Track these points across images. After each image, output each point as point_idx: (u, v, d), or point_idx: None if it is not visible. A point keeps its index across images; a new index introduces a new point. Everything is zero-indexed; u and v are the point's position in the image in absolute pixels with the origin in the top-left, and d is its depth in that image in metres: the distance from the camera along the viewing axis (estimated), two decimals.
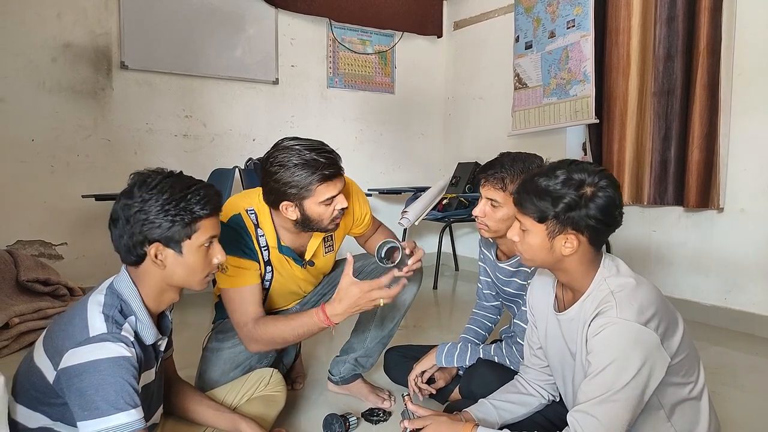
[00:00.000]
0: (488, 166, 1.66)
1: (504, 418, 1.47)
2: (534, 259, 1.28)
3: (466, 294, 3.83)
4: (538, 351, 1.48)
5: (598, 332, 1.16)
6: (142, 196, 1.16)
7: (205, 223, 1.22)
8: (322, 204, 1.58)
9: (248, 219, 1.67)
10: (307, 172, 1.52)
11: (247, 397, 1.64)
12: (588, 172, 1.20)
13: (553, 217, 1.20)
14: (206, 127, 3.77)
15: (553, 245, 1.22)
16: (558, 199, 1.18)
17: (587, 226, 1.19)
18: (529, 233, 1.25)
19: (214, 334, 1.87)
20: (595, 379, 1.15)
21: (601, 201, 1.18)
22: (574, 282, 1.28)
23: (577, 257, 1.23)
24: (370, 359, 1.98)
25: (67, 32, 3.29)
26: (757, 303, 2.84)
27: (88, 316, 1.13)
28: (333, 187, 1.57)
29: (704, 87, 2.85)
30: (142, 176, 1.20)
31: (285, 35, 4.03)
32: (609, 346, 1.14)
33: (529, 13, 3.70)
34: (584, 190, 1.18)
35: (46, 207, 3.30)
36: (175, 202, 1.17)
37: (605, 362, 1.13)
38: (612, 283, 1.21)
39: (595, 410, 1.13)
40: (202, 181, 1.25)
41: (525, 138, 3.89)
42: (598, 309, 1.18)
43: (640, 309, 1.15)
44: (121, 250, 1.20)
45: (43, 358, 1.13)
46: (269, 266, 1.72)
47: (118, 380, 1.07)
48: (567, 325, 1.30)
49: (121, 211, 1.17)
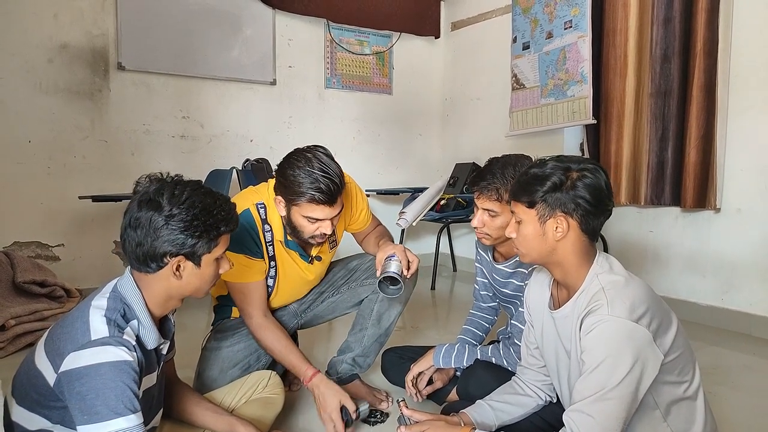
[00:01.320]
0: (479, 176, 1.67)
1: (501, 419, 1.47)
2: (530, 251, 1.30)
3: (464, 295, 3.83)
4: (535, 351, 1.48)
5: (590, 330, 1.17)
6: (171, 210, 1.16)
7: (225, 237, 1.26)
8: (306, 219, 1.63)
9: (256, 214, 1.72)
10: (303, 184, 1.57)
11: (245, 399, 1.64)
12: (575, 160, 1.26)
13: (541, 200, 1.24)
14: (203, 128, 3.77)
15: (546, 231, 1.25)
16: (544, 180, 1.24)
17: (575, 208, 1.22)
18: (523, 224, 1.28)
19: (213, 333, 1.89)
20: (588, 378, 1.15)
21: (588, 181, 1.22)
22: (568, 277, 1.29)
23: (570, 245, 1.25)
24: (368, 359, 1.99)
25: (63, 33, 3.29)
26: (753, 303, 2.85)
27: (90, 319, 1.13)
28: (319, 211, 1.60)
29: (701, 88, 2.86)
30: (169, 187, 1.19)
31: (282, 36, 4.03)
32: (601, 344, 1.15)
33: (526, 13, 3.71)
34: (571, 173, 1.23)
35: (42, 208, 3.29)
36: (203, 219, 1.18)
37: (598, 360, 1.14)
38: (603, 279, 1.23)
39: (590, 409, 1.14)
40: (222, 195, 1.27)
41: (522, 139, 3.90)
42: (589, 306, 1.19)
43: (632, 306, 1.15)
44: (133, 256, 1.19)
45: (44, 361, 1.13)
46: (273, 262, 1.76)
47: (119, 384, 1.07)
48: (561, 322, 1.31)
49: (146, 220, 1.16)
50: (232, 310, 1.91)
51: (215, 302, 1.96)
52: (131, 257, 1.20)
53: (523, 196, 1.27)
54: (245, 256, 1.69)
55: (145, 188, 1.20)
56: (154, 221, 1.16)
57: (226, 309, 1.92)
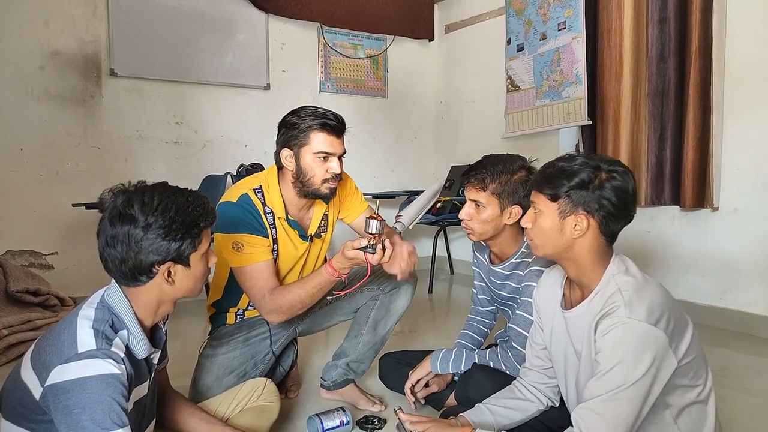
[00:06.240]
0: (470, 168, 1.69)
1: (500, 423, 1.45)
2: (544, 244, 1.28)
3: (462, 298, 3.81)
4: (542, 352, 1.46)
5: (607, 332, 1.15)
6: (147, 220, 1.13)
7: (206, 231, 1.23)
8: (316, 157, 1.66)
9: (256, 198, 1.73)
10: (311, 117, 1.65)
11: (240, 407, 1.61)
12: (606, 160, 1.24)
13: (565, 195, 1.22)
14: (197, 134, 3.75)
15: (564, 226, 1.23)
16: (573, 175, 1.21)
17: (598, 209, 1.20)
18: (541, 215, 1.26)
19: (209, 341, 1.87)
20: (602, 378, 1.13)
21: (616, 183, 1.20)
22: (583, 275, 1.27)
23: (587, 243, 1.23)
24: (362, 365, 1.97)
25: (55, 40, 3.26)
26: (753, 303, 2.83)
27: (77, 331, 1.10)
28: (328, 141, 1.65)
29: (697, 87, 2.85)
30: (137, 196, 1.15)
31: (276, 40, 4.01)
32: (617, 346, 1.13)
33: (520, 15, 3.70)
34: (600, 172, 1.21)
35: (35, 216, 3.27)
36: (181, 219, 1.16)
37: (613, 362, 1.12)
38: (620, 280, 1.20)
39: (599, 407, 1.12)
40: (192, 191, 1.24)
41: (518, 140, 3.89)
42: (606, 308, 1.17)
43: (650, 309, 1.14)
44: (120, 274, 1.16)
45: (30, 374, 1.10)
46: (275, 245, 1.76)
47: (106, 399, 1.04)
48: (574, 323, 1.29)
49: (123, 235, 1.12)
50: (227, 317, 1.89)
51: (211, 311, 1.94)
52: (117, 275, 1.17)
53: (547, 187, 1.24)
54: (251, 235, 1.68)
55: (110, 203, 1.16)
56: (132, 235, 1.12)
57: (221, 316, 1.90)
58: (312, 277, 1.66)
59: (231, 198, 1.72)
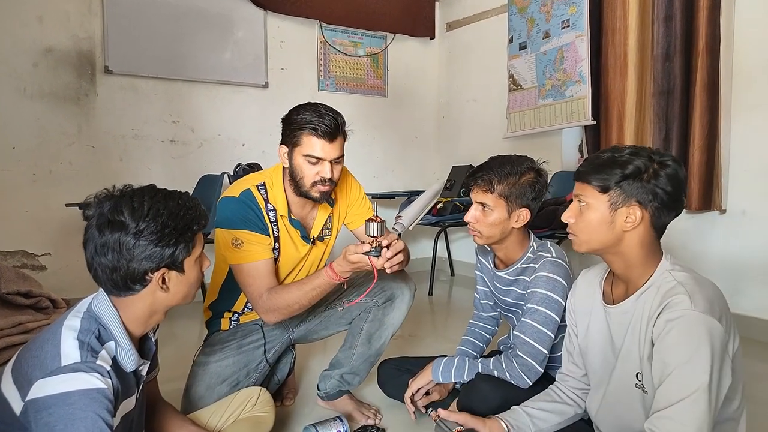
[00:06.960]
0: (476, 170, 1.65)
1: (538, 426, 1.40)
2: (590, 239, 1.23)
3: (463, 300, 3.75)
4: (577, 359, 1.42)
5: (670, 328, 1.09)
6: (138, 226, 1.07)
7: (199, 235, 1.20)
8: (306, 160, 1.61)
9: (258, 195, 1.69)
10: (305, 118, 1.61)
11: (233, 418, 1.56)
12: (654, 151, 1.20)
13: (617, 185, 1.16)
14: (194, 133, 3.68)
15: (615, 219, 1.18)
16: (625, 164, 1.16)
17: (652, 200, 1.16)
18: (589, 208, 1.21)
19: (203, 348, 1.82)
20: (673, 380, 1.07)
21: (670, 171, 1.16)
22: (631, 270, 1.22)
23: (638, 237, 1.19)
24: (357, 377, 1.92)
25: (48, 36, 3.20)
26: (760, 307, 2.77)
27: (61, 343, 1.04)
28: (319, 146, 1.60)
29: (704, 87, 2.79)
30: (126, 201, 1.09)
31: (274, 38, 3.95)
32: (683, 342, 1.07)
33: (522, 13, 3.64)
34: (653, 162, 1.17)
35: (28, 216, 3.20)
36: (174, 224, 1.11)
37: (682, 360, 1.06)
38: (678, 276, 1.16)
39: (681, 416, 1.05)
40: (182, 193, 1.19)
41: (520, 140, 3.83)
42: (665, 302, 1.12)
43: (711, 304, 1.09)
44: (111, 283, 1.11)
45: (11, 387, 1.05)
46: (277, 243, 1.72)
47: (90, 415, 0.98)
48: (617, 318, 1.24)
49: (114, 243, 1.07)
50: (221, 322, 1.84)
51: (207, 314, 1.88)
52: (108, 285, 1.12)
53: (597, 178, 1.18)
54: (251, 232, 1.64)
55: (97, 210, 1.10)
56: (123, 242, 1.07)
57: (216, 321, 1.86)
58: (311, 278, 1.62)
59: (233, 193, 1.69)
